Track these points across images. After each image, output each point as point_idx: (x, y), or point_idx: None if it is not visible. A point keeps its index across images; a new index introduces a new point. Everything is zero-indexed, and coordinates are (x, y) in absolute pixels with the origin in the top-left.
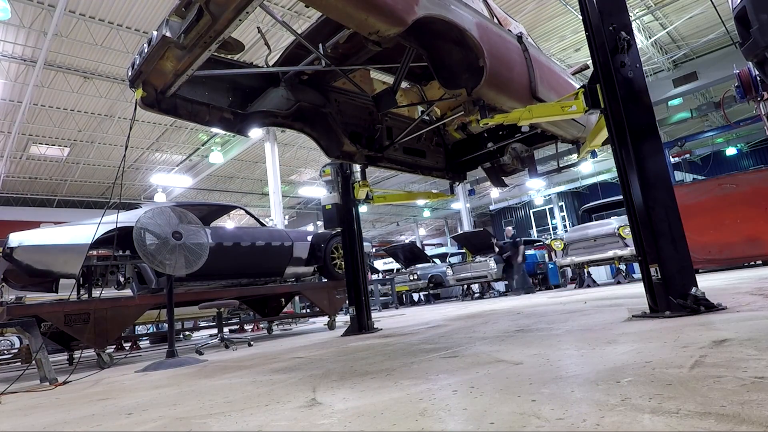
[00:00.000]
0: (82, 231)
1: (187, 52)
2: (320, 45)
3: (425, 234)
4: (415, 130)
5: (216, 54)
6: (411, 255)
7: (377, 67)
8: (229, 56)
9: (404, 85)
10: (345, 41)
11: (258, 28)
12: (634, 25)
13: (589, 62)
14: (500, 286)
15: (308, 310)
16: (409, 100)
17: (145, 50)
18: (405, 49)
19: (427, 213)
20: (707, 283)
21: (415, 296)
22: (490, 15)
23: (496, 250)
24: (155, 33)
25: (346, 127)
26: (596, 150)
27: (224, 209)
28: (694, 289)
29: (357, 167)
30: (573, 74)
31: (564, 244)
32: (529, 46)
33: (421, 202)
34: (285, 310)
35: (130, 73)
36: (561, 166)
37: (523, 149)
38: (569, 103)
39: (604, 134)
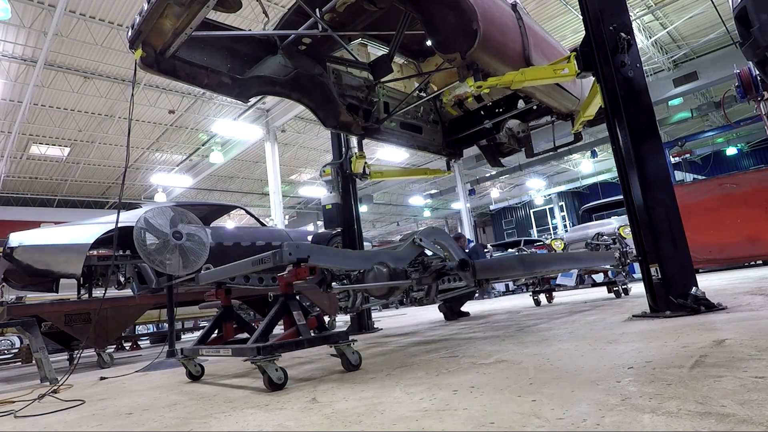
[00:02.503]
0: (82, 231)
1: (186, 9)
2: (317, 10)
3: None
4: (411, 103)
5: (214, 20)
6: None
7: (373, 34)
8: (229, 16)
9: (402, 61)
10: (342, 9)
11: None
12: (634, 25)
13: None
14: (501, 286)
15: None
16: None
17: (145, 9)
18: (400, 17)
19: (427, 213)
20: (707, 282)
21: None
22: None
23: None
24: None
25: (343, 98)
26: (596, 150)
27: (224, 209)
28: (694, 289)
29: (354, 142)
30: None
31: (564, 244)
32: (523, 14)
33: (420, 202)
34: None
35: (129, 33)
36: (557, 145)
37: (519, 129)
38: (561, 66)
39: (597, 102)
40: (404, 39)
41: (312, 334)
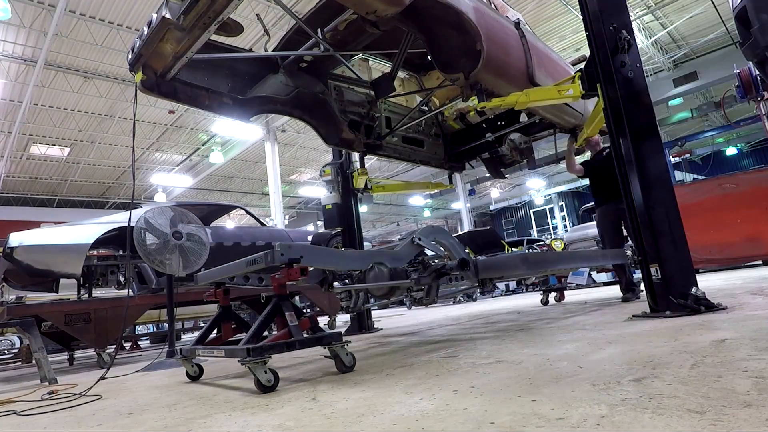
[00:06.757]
0: (82, 231)
1: (187, 34)
2: (319, 30)
3: None
4: (413, 119)
5: (215, 40)
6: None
7: (375, 53)
8: (229, 38)
9: (403, 75)
10: (344, 27)
11: (257, 15)
12: (634, 25)
13: (588, 54)
14: (501, 286)
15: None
16: (408, 90)
17: (145, 32)
18: (403, 36)
19: (427, 213)
20: (707, 282)
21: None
22: (488, 0)
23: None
24: (155, 15)
25: (344, 115)
26: None
27: (224, 209)
28: (694, 289)
29: (356, 157)
30: (572, 65)
31: (564, 244)
32: (526, 32)
33: (420, 202)
34: None
35: (130, 57)
36: (559, 154)
37: (521, 140)
38: (566, 87)
39: (601, 121)
40: (406, 53)
41: (305, 335)
